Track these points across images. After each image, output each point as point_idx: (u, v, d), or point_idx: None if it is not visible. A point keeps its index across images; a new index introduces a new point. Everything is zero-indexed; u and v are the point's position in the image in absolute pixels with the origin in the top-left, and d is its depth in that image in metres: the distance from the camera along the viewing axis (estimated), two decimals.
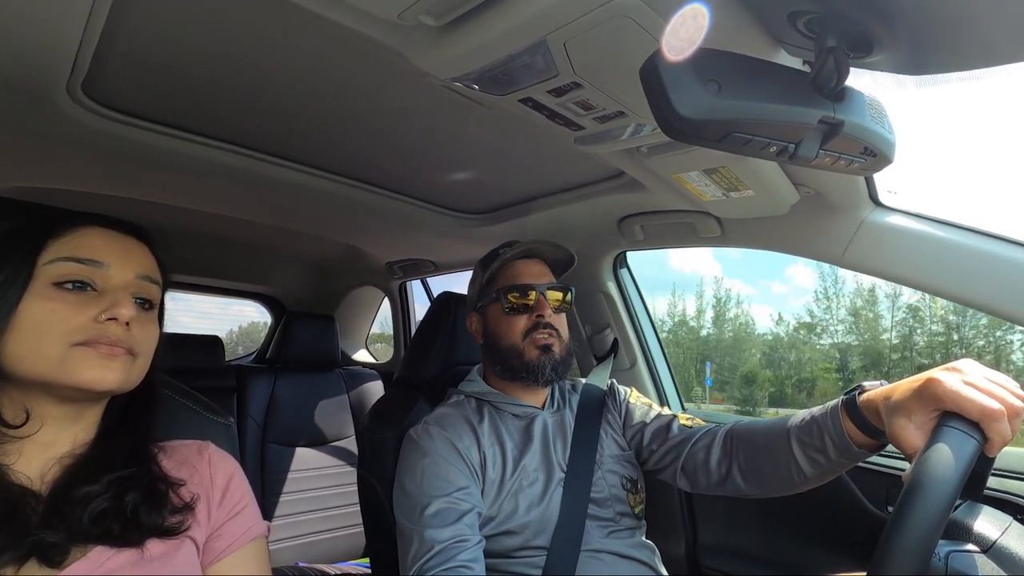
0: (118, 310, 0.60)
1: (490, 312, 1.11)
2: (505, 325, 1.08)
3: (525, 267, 1.12)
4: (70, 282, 0.60)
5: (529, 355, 1.05)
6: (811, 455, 0.82)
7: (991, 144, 35.99)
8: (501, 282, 1.10)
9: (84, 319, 0.59)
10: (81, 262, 0.61)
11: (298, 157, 1.24)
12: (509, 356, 1.06)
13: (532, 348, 1.05)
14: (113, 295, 0.62)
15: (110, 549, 0.57)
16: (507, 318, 1.08)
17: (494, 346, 1.09)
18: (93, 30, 0.73)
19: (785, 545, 1.27)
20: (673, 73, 0.49)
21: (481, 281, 1.13)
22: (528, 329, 1.06)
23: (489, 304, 1.11)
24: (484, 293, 1.13)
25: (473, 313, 1.16)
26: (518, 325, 1.07)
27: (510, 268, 1.11)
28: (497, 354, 1.09)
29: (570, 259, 1.17)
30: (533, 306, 1.07)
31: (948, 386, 0.59)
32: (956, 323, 20.32)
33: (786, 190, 1.02)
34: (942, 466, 0.52)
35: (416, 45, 0.69)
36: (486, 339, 1.13)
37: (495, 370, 1.10)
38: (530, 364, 1.04)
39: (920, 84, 0.59)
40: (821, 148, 0.56)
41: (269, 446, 2.01)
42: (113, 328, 0.60)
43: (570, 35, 0.61)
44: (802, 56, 0.66)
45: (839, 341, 23.52)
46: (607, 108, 0.78)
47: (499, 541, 0.95)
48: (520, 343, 1.06)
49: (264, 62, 0.86)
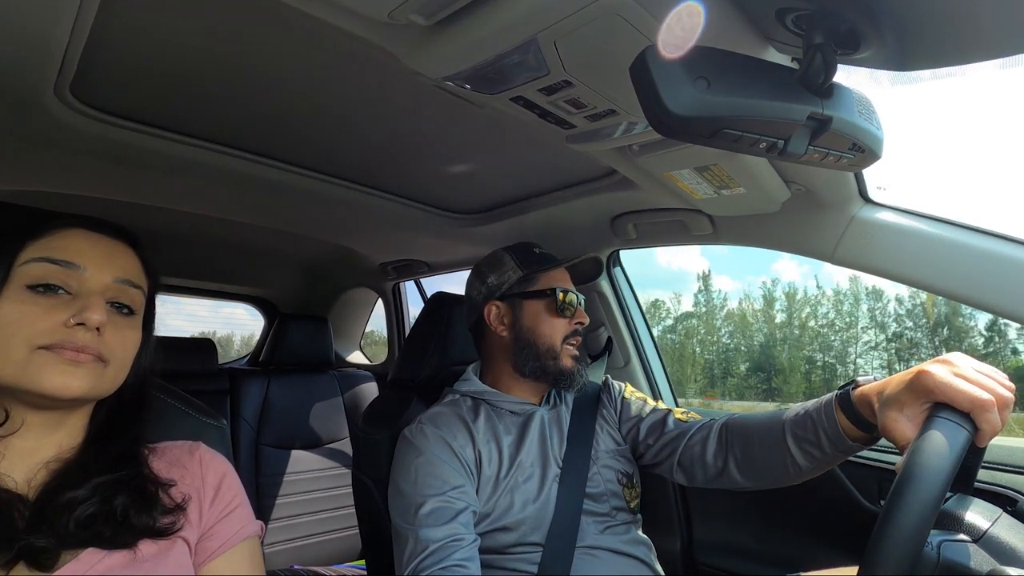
0: (86, 315, 0.59)
1: (529, 307, 1.10)
2: (547, 324, 1.08)
3: (561, 274, 1.14)
4: (42, 284, 0.59)
5: (565, 362, 1.07)
6: (805, 448, 0.83)
7: (975, 140, 36.33)
8: (545, 282, 1.11)
9: (52, 323, 0.58)
10: (56, 263, 0.60)
11: (289, 158, 1.24)
12: (546, 356, 1.07)
13: (567, 356, 1.08)
14: (85, 299, 0.60)
15: (102, 551, 0.57)
16: (552, 318, 1.08)
17: (528, 342, 1.08)
18: (80, 32, 0.72)
19: (779, 540, 1.28)
20: (663, 70, 0.49)
21: (519, 273, 1.11)
22: (568, 334, 1.09)
23: (529, 299, 1.10)
24: (524, 285, 1.11)
25: (498, 302, 1.12)
26: (560, 328, 1.08)
27: (553, 272, 1.13)
28: (531, 351, 1.07)
29: (595, 275, 1.21)
30: (575, 313, 1.10)
31: (939, 378, 0.60)
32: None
33: (777, 187, 1.03)
34: (934, 456, 0.53)
35: (406, 44, 0.69)
36: (515, 332, 1.10)
37: (521, 366, 1.08)
38: (566, 370, 1.07)
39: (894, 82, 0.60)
40: (810, 144, 0.56)
41: (263, 449, 2.00)
42: (81, 334, 0.59)
43: (560, 33, 0.61)
44: (791, 53, 0.67)
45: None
46: (598, 106, 0.78)
47: (495, 537, 0.95)
48: (559, 346, 1.07)
49: (254, 62, 0.85)
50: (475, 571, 0.85)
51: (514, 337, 1.10)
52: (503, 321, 1.11)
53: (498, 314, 1.12)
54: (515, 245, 1.18)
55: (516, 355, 1.09)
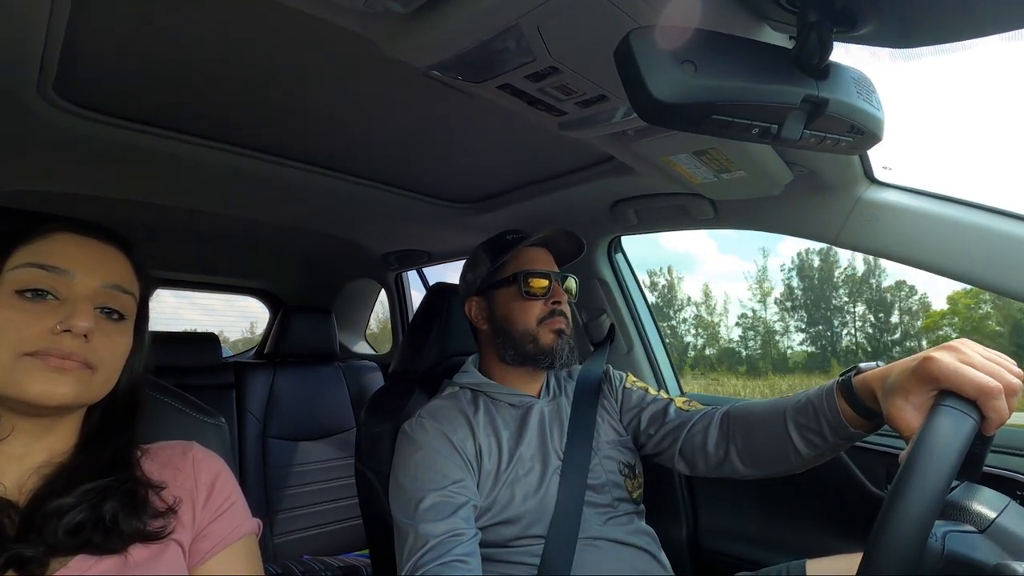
0: (73, 321, 0.58)
1: (500, 296, 1.09)
2: (519, 310, 1.06)
3: (537, 255, 1.11)
4: (31, 290, 0.59)
5: (544, 339, 1.05)
6: (807, 436, 0.81)
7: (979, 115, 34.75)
8: (515, 267, 1.08)
9: (38, 329, 0.57)
10: (44, 269, 0.60)
11: (284, 151, 1.22)
12: (523, 341, 1.05)
13: (547, 332, 1.05)
14: (73, 305, 0.60)
15: (92, 557, 0.57)
16: (523, 303, 1.06)
17: (504, 331, 1.07)
18: (56, 29, 0.71)
19: (786, 526, 1.27)
20: (647, 55, 0.47)
21: (488, 265, 1.11)
22: (544, 316, 1.06)
23: (499, 288, 1.09)
24: (493, 276, 1.10)
25: (475, 298, 1.13)
26: (533, 310, 1.06)
27: (523, 254, 1.10)
28: (507, 339, 1.07)
29: (577, 250, 1.17)
30: (548, 293, 1.07)
31: (945, 364, 0.59)
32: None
33: (779, 170, 1.00)
34: (939, 445, 0.51)
35: (387, 33, 0.67)
36: (492, 324, 1.10)
37: (503, 355, 1.08)
38: (546, 348, 1.04)
39: (894, 58, 0.57)
40: (806, 128, 0.54)
41: (270, 441, 2.02)
42: (67, 340, 0.58)
43: (542, 18, 0.59)
44: (788, 32, 0.64)
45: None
46: (588, 92, 0.75)
47: (496, 531, 0.94)
48: (535, 328, 1.05)
49: (241, 56, 0.84)
50: (476, 565, 0.85)
51: (493, 329, 1.10)
52: (482, 315, 1.12)
53: (477, 309, 1.13)
54: (493, 236, 1.16)
55: (498, 346, 1.09)
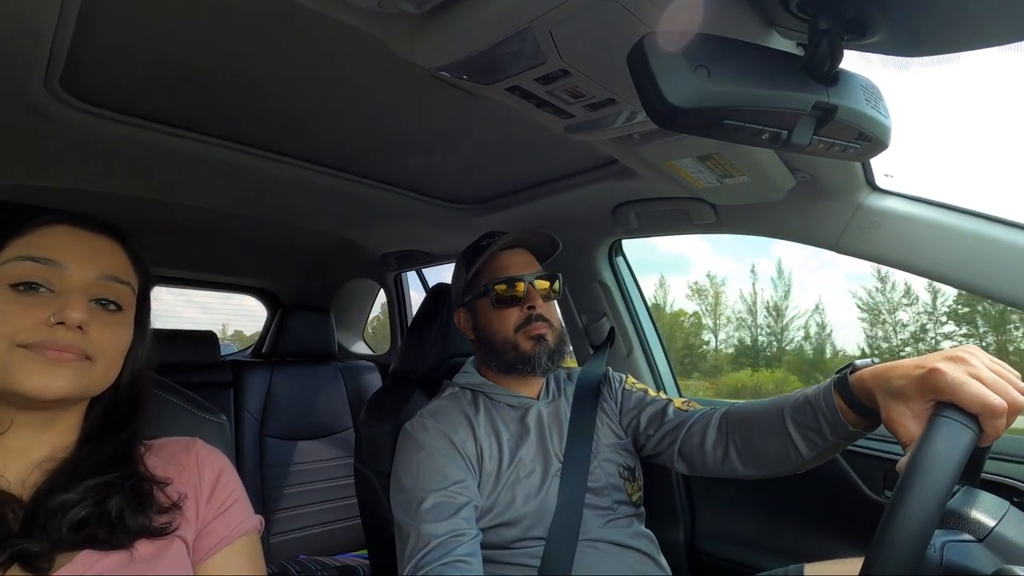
0: (66, 313, 0.57)
1: (479, 307, 1.10)
2: (496, 319, 1.06)
3: (511, 258, 1.10)
4: (23, 283, 0.58)
5: (524, 347, 1.04)
6: (807, 435, 0.81)
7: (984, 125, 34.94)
8: (487, 276, 1.08)
9: (32, 321, 0.57)
10: (37, 261, 0.59)
11: (287, 150, 1.22)
12: (503, 350, 1.05)
13: (526, 339, 1.04)
14: (66, 297, 0.59)
15: (98, 552, 0.56)
16: (497, 312, 1.06)
17: (486, 341, 1.08)
18: (67, 23, 0.71)
19: (783, 530, 1.28)
20: (661, 59, 0.48)
21: (466, 276, 1.11)
22: (520, 323, 1.05)
23: (477, 299, 1.10)
24: (470, 288, 1.11)
25: (461, 309, 1.14)
26: (509, 318, 1.06)
27: (495, 260, 1.09)
28: (490, 349, 1.07)
29: (554, 246, 1.16)
30: (523, 298, 1.06)
31: (953, 378, 0.57)
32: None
33: (781, 176, 1.01)
34: (939, 457, 0.52)
35: (398, 34, 0.67)
36: (477, 334, 1.11)
37: (490, 364, 1.09)
38: (525, 355, 1.04)
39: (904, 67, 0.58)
40: (815, 134, 0.55)
41: (267, 440, 2.01)
42: (62, 332, 0.58)
43: (556, 21, 0.59)
44: (796, 39, 0.64)
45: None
46: (597, 96, 0.76)
47: (497, 532, 0.94)
48: (512, 336, 1.05)
49: (249, 54, 0.84)
50: (477, 566, 0.85)
51: (477, 338, 1.11)
52: (468, 325, 1.13)
53: (464, 320, 1.14)
54: (471, 242, 1.15)
55: (483, 355, 1.10)
